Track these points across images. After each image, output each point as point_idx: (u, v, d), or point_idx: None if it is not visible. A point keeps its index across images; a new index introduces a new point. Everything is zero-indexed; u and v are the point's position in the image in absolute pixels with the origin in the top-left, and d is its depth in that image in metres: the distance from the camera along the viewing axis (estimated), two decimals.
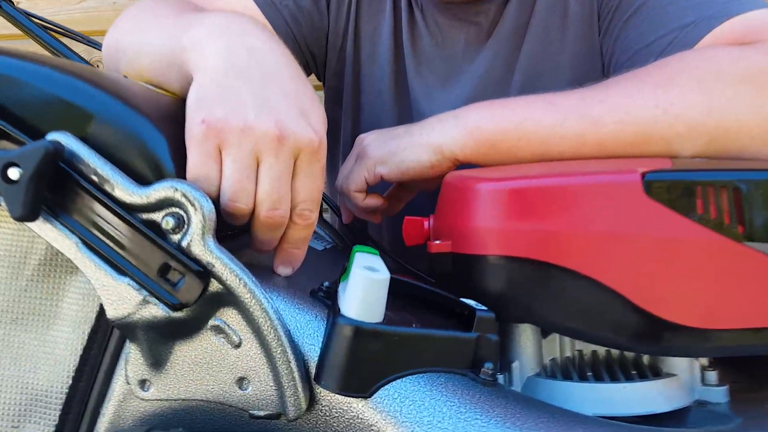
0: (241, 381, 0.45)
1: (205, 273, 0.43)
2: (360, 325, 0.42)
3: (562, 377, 0.53)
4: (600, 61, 0.78)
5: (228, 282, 0.43)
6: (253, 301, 0.43)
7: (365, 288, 0.42)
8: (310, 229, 0.48)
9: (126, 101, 0.46)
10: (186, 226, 0.43)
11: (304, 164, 0.46)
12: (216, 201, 0.45)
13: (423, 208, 0.66)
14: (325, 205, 0.85)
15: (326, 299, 0.48)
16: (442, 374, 0.44)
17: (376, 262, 0.46)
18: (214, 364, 0.45)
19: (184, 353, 0.45)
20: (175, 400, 0.46)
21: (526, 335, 0.54)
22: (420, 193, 0.75)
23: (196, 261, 0.43)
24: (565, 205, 0.49)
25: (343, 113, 0.89)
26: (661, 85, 0.58)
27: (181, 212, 0.43)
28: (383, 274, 0.42)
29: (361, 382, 0.42)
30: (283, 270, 0.50)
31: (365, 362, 0.42)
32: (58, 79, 0.45)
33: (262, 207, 0.45)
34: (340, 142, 0.90)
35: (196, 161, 0.45)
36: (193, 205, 0.43)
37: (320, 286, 0.49)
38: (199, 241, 0.43)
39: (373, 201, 0.71)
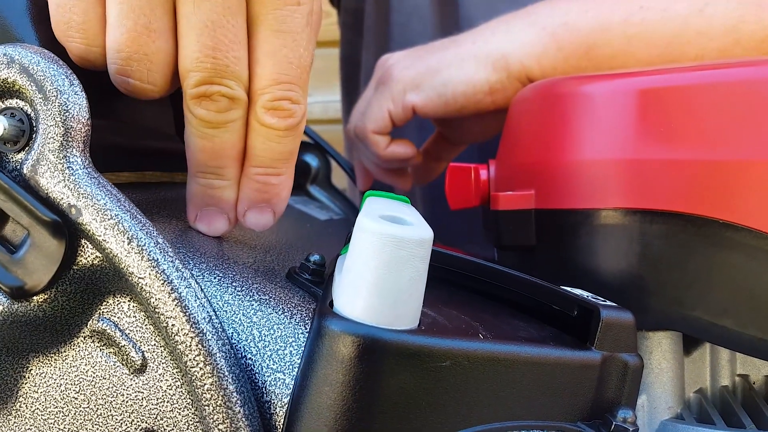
0: None
1: (66, 226, 0.22)
2: (372, 335, 0.20)
3: (722, 421, 0.31)
4: None
5: (109, 246, 0.21)
6: (158, 286, 0.21)
7: (382, 256, 0.20)
8: (294, 135, 0.26)
9: None
10: (31, 135, 0.22)
11: (269, 10, 0.24)
12: (95, 79, 0.24)
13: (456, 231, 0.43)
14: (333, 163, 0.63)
15: (312, 284, 0.26)
16: None
17: (405, 210, 0.24)
18: (100, 402, 0.24)
19: (45, 380, 0.24)
20: None
21: (661, 351, 0.32)
22: (455, 215, 0.49)
23: (50, 203, 0.22)
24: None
25: (365, 42, 0.66)
26: None
27: (24, 107, 0.22)
28: (419, 229, 0.20)
29: None
30: (255, 218, 0.28)
31: (384, 410, 0.20)
32: None
33: (190, 79, 0.24)
34: (359, 81, 0.68)
35: (58, 2, 0.24)
36: (41, 90, 0.22)
37: (304, 262, 0.27)
38: (54, 163, 0.22)
39: (401, 149, 0.49)
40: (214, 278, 0.25)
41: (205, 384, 0.21)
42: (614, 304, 0.25)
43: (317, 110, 1.14)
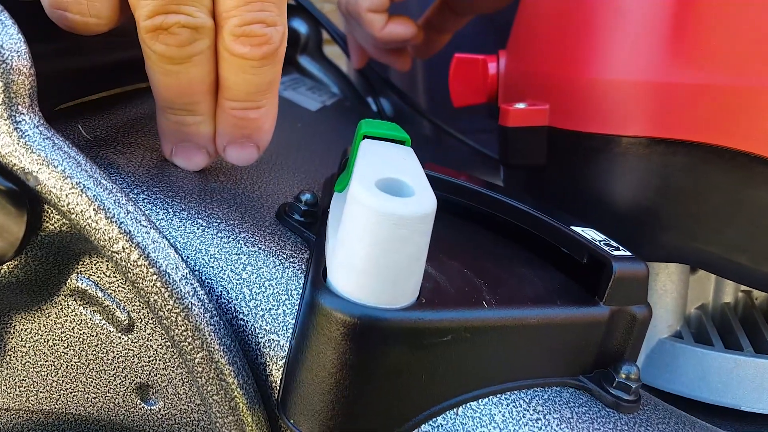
0: (143, 390, 0.23)
1: (25, 194, 0.19)
2: (367, 316, 0.18)
3: (720, 342, 0.31)
4: None
5: (75, 218, 0.19)
6: (134, 259, 0.19)
7: (380, 235, 0.18)
8: (273, 63, 0.23)
9: None
10: None
11: None
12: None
13: None
14: (325, 35, 0.58)
15: (304, 227, 0.25)
16: (536, 392, 0.22)
17: (405, 166, 0.21)
18: (90, 358, 0.23)
19: (31, 335, 0.23)
20: (35, 412, 0.25)
21: (667, 273, 0.31)
22: None
23: (4, 169, 0.19)
24: None
25: None
26: None
27: None
28: (421, 201, 0.18)
29: (371, 418, 0.20)
30: (236, 154, 0.25)
31: (380, 385, 0.19)
32: None
33: (141, 9, 0.20)
34: None
35: None
36: None
37: (294, 202, 0.25)
38: (0, 125, 0.19)
39: (400, 28, 0.44)
40: (198, 228, 0.23)
41: (195, 358, 0.20)
42: (627, 254, 0.23)
43: None
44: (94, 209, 0.19)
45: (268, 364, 0.21)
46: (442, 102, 0.60)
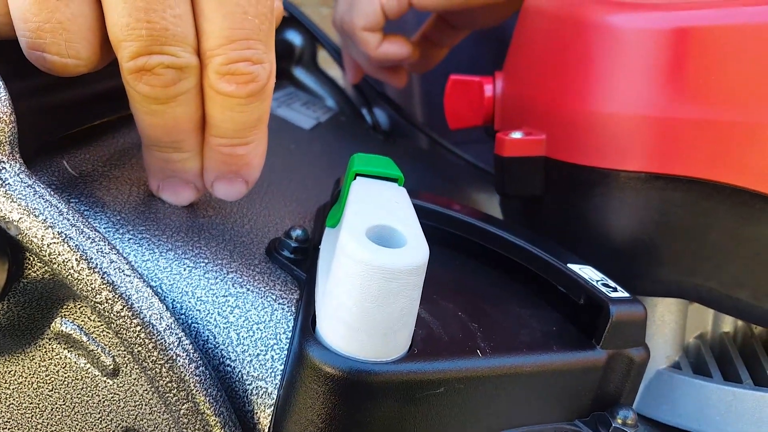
0: None
1: (6, 242, 0.19)
2: (356, 370, 0.18)
3: (719, 373, 0.30)
4: None
5: (57, 268, 0.19)
6: (118, 310, 0.19)
7: (370, 289, 0.17)
8: (260, 100, 0.22)
9: None
10: None
11: None
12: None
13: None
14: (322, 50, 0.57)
15: (294, 264, 0.24)
16: None
17: (395, 209, 0.21)
18: (76, 401, 0.23)
19: (15, 378, 0.23)
20: None
21: (665, 304, 0.30)
22: None
23: None
24: None
25: None
26: None
27: None
28: (412, 252, 0.18)
29: None
30: (224, 190, 0.25)
31: None
32: None
33: (123, 51, 0.20)
34: None
35: None
36: None
37: (284, 239, 0.25)
38: None
39: (395, 48, 0.43)
40: (185, 270, 0.22)
41: (180, 410, 0.19)
42: (625, 295, 0.23)
43: None
44: (76, 259, 0.18)
45: (255, 412, 0.21)
46: (438, 114, 0.60)
